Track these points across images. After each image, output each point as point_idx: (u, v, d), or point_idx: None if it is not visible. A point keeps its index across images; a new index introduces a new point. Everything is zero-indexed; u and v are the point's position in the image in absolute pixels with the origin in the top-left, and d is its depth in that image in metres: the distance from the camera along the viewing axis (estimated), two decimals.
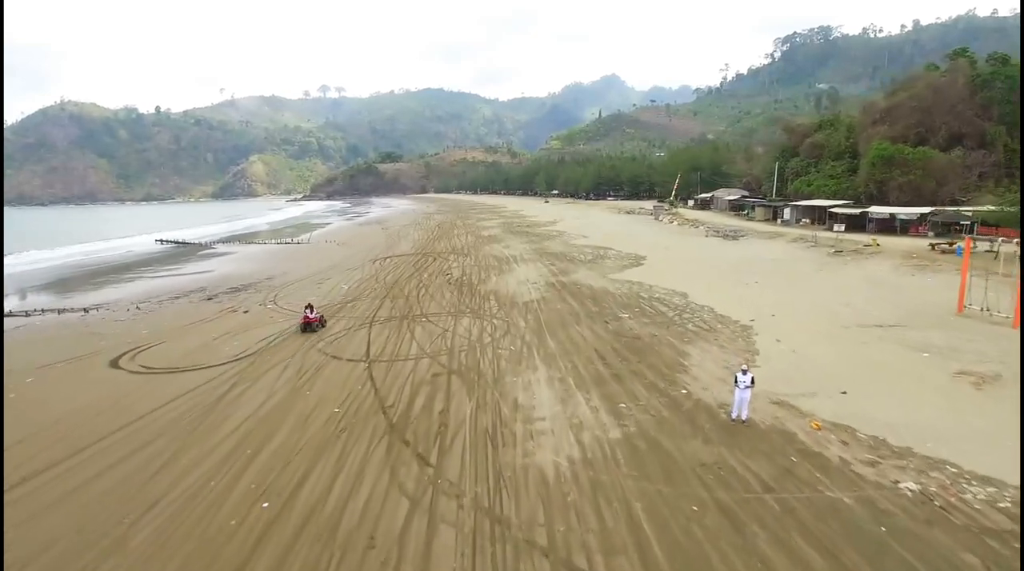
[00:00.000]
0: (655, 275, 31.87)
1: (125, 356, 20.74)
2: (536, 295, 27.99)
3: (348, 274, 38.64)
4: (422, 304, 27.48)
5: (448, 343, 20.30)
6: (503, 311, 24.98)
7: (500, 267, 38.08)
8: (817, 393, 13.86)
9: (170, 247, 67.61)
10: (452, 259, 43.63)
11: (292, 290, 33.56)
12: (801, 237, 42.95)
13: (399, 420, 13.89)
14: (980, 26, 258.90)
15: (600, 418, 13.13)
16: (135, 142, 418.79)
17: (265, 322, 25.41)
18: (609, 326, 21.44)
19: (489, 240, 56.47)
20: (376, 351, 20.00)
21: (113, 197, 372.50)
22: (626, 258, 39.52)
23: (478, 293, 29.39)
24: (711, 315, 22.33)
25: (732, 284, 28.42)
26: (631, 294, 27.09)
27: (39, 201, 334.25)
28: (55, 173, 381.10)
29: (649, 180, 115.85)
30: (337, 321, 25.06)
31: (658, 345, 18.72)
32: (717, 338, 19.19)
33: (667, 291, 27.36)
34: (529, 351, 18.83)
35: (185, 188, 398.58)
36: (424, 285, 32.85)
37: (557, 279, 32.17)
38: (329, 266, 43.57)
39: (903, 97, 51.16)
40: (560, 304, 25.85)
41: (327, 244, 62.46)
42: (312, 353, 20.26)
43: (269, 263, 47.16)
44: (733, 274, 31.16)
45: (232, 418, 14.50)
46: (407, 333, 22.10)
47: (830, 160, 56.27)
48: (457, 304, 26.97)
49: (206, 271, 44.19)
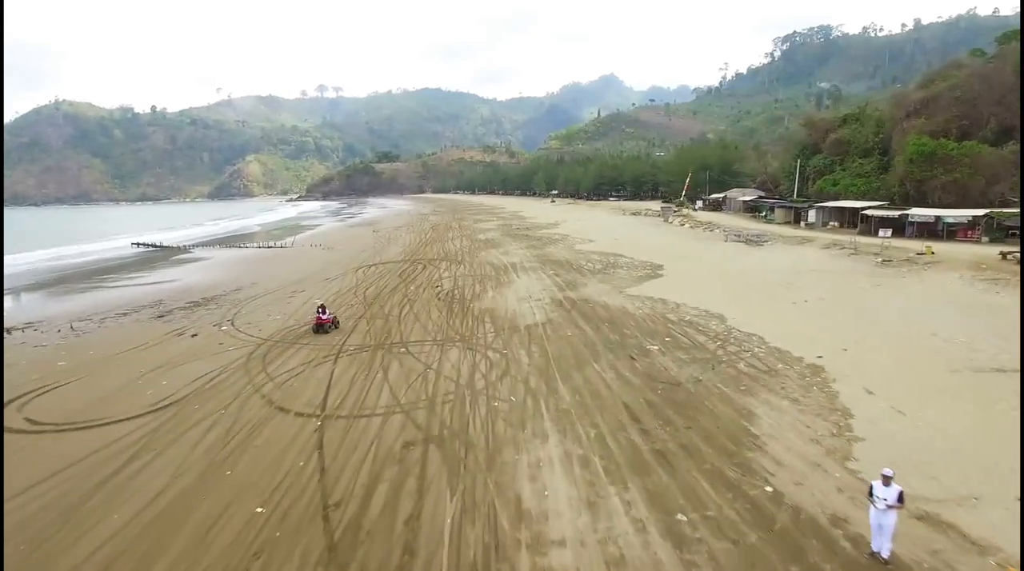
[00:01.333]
0: (679, 290, 27.19)
1: (16, 402, 16.09)
2: (540, 316, 23.33)
3: (325, 285, 34.02)
4: (403, 327, 22.83)
5: (429, 389, 15.64)
6: (500, 339, 20.33)
7: (498, 278, 33.42)
8: (981, 498, 9.09)
9: (145, 251, 62.94)
10: (444, 267, 38.98)
11: (258, 305, 28.97)
12: (835, 243, 38.34)
13: (345, 536, 9.24)
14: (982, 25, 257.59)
15: (652, 547, 8.42)
16: (130, 142, 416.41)
17: (212, 351, 20.81)
18: (637, 364, 16.76)
19: (486, 245, 51.82)
20: (335, 400, 15.36)
21: (108, 197, 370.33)
22: (640, 267, 34.87)
23: (471, 312, 24.73)
24: (763, 348, 17.67)
25: (775, 302, 23.78)
26: (656, 316, 22.41)
27: (32, 201, 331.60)
28: (49, 173, 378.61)
29: (653, 180, 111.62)
30: (298, 350, 20.47)
31: (707, 396, 14.07)
32: (784, 386, 14.53)
33: (699, 312, 22.69)
34: (535, 404, 14.18)
35: (181, 188, 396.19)
36: (409, 300, 28.19)
37: (564, 295, 27.49)
38: (307, 274, 38.96)
39: (942, 87, 46.39)
40: (570, 329, 21.20)
41: (312, 248, 57.84)
42: (254, 401, 15.64)
43: (243, 271, 42.61)
44: (773, 289, 26.51)
45: (99, 528, 9.82)
46: (379, 371, 17.46)
47: (857, 157, 51.58)
48: (445, 328, 22.32)
49: (171, 281, 39.56)
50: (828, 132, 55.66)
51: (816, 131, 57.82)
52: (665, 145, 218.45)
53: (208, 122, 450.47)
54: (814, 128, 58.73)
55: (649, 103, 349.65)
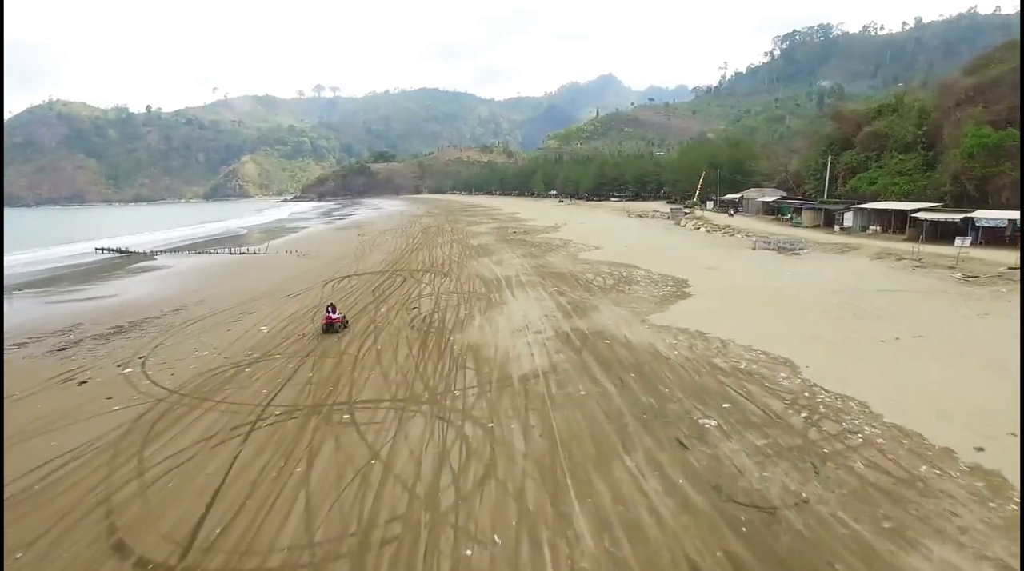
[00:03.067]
0: (718, 317, 21.29)
1: None
2: (541, 359, 17.37)
3: (283, 305, 28.14)
4: (358, 373, 16.95)
5: (365, 510, 9.73)
6: (485, 399, 14.41)
7: (488, 297, 27.48)
8: None
9: (106, 258, 57.05)
10: (427, 281, 33.10)
11: (190, 334, 23.14)
12: (887, 251, 32.56)
13: None
14: (983, 23, 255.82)
15: None
16: (125, 142, 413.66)
17: (90, 411, 15.10)
18: (692, 459, 10.82)
19: (478, 252, 45.91)
20: (214, 527, 9.48)
21: (102, 198, 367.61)
22: (661, 283, 28.95)
23: (449, 350, 18.81)
24: (878, 427, 11.70)
25: (854, 339, 17.85)
26: (699, 361, 16.45)
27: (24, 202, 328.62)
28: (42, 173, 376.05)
29: (657, 179, 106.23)
30: (205, 413, 14.63)
31: (831, 544, 8.14)
32: (958, 522, 8.57)
33: (755, 354, 16.74)
34: (535, 558, 8.29)
35: (176, 189, 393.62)
36: (376, 329, 22.31)
37: (571, 324, 21.52)
38: (269, 289, 33.16)
39: (1001, 71, 40.44)
40: (583, 383, 15.27)
41: (287, 255, 52.05)
42: (86, 527, 9.76)
43: (197, 284, 36.90)
44: (841, 318, 20.54)
45: None
46: (301, 462, 11.58)
47: (896, 153, 45.70)
48: (412, 377, 16.41)
49: (109, 296, 33.78)
50: (860, 125, 49.77)
51: (847, 124, 51.76)
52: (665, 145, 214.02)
53: (204, 122, 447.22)
54: (844, 121, 52.65)
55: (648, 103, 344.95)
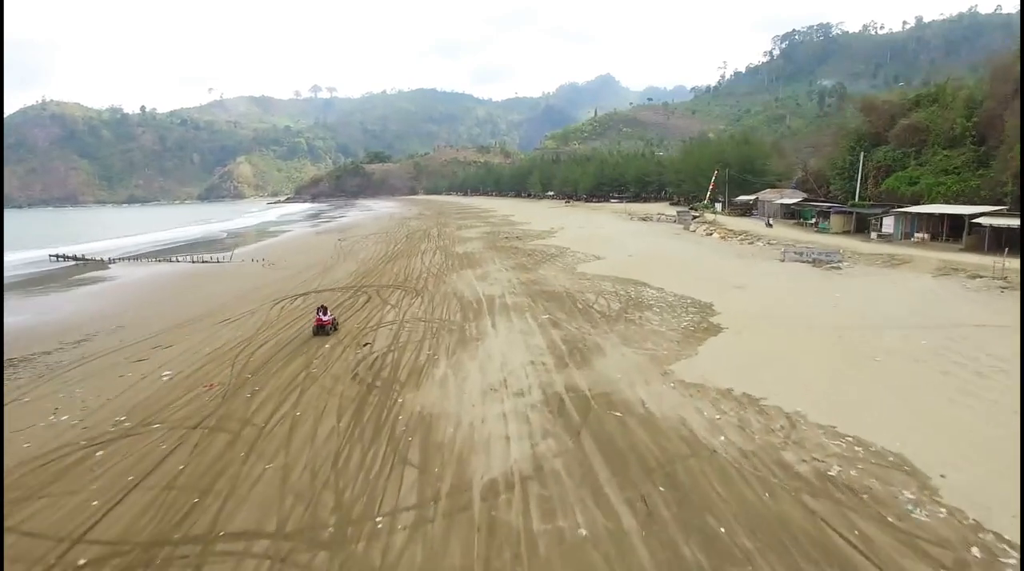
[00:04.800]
0: (764, 365, 15.51)
1: None
2: (519, 450, 11.50)
3: (210, 334, 22.43)
4: (246, 473, 11.18)
5: None
6: (420, 542, 8.62)
7: (462, 328, 21.66)
8: None
9: (57, 266, 51.41)
10: (393, 301, 27.32)
11: (69, 381, 17.60)
12: (949, 266, 26.90)
13: None
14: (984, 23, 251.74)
15: None
16: (119, 143, 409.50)
17: None
18: None
19: (462, 262, 40.13)
20: None
21: (95, 199, 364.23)
22: (680, 308, 23.18)
23: (391, 424, 13.03)
24: None
25: (993, 413, 12.15)
26: (759, 456, 10.70)
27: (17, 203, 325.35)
28: (34, 174, 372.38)
29: (659, 180, 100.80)
30: None
31: None
32: None
33: (845, 444, 10.92)
34: None
35: (170, 190, 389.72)
36: (304, 380, 16.51)
37: (567, 378, 15.70)
38: (206, 310, 27.51)
39: None
40: (585, 509, 9.46)
41: (252, 264, 46.37)
42: None
43: (130, 302, 31.59)
44: (949, 372, 14.67)
45: None
46: None
47: (940, 148, 40.06)
48: (320, 486, 10.60)
49: (17, 318, 28.08)
50: (895, 118, 44.03)
51: (879, 117, 45.98)
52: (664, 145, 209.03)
53: (199, 123, 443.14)
54: (875, 113, 46.83)
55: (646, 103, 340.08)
